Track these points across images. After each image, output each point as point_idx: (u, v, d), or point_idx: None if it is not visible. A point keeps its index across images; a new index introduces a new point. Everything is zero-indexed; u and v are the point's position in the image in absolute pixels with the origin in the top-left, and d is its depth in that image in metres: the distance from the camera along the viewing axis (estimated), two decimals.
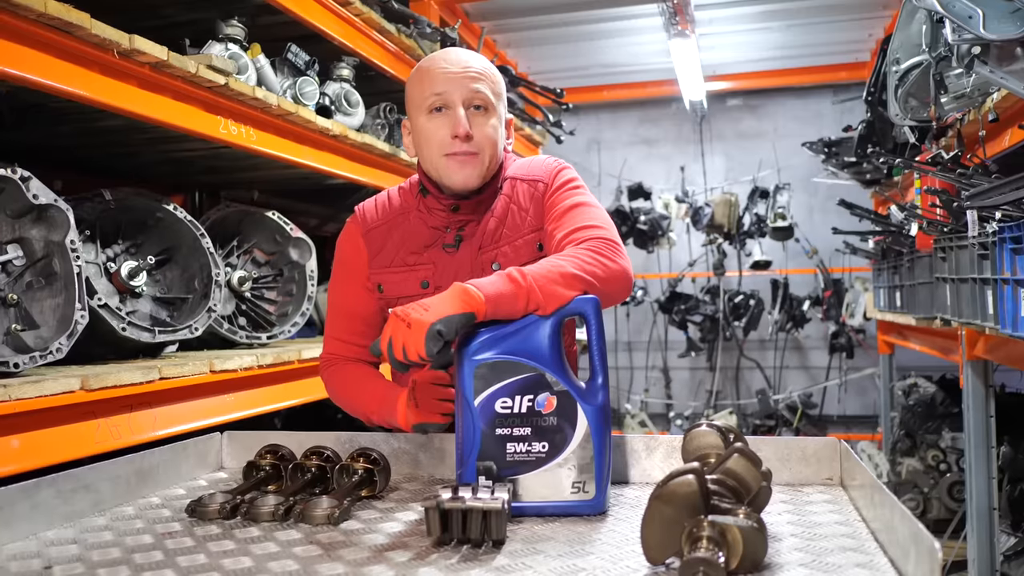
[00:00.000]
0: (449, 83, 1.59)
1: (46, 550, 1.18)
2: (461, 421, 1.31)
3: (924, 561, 0.88)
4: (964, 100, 2.55)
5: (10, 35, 1.68)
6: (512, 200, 1.66)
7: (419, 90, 1.63)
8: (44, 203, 1.88)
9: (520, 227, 1.64)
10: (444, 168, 1.60)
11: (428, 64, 1.65)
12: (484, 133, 1.60)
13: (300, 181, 3.62)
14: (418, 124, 1.63)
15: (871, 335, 6.61)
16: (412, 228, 1.69)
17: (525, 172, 1.69)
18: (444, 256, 1.65)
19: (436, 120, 1.60)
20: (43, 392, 1.71)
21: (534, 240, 1.63)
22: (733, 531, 0.99)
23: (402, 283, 1.67)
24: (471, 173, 1.59)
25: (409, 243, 1.68)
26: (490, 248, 1.63)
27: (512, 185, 1.67)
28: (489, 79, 1.63)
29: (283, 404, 2.66)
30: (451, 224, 1.66)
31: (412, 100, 1.65)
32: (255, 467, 1.50)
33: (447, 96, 1.59)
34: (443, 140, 1.59)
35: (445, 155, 1.59)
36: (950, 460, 4.60)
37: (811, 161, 5.87)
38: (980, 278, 2.58)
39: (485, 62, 1.66)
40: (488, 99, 1.61)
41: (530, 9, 5.24)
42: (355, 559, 1.11)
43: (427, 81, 1.62)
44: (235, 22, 2.48)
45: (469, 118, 1.58)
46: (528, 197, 1.65)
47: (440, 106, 1.60)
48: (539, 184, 1.66)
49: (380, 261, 1.70)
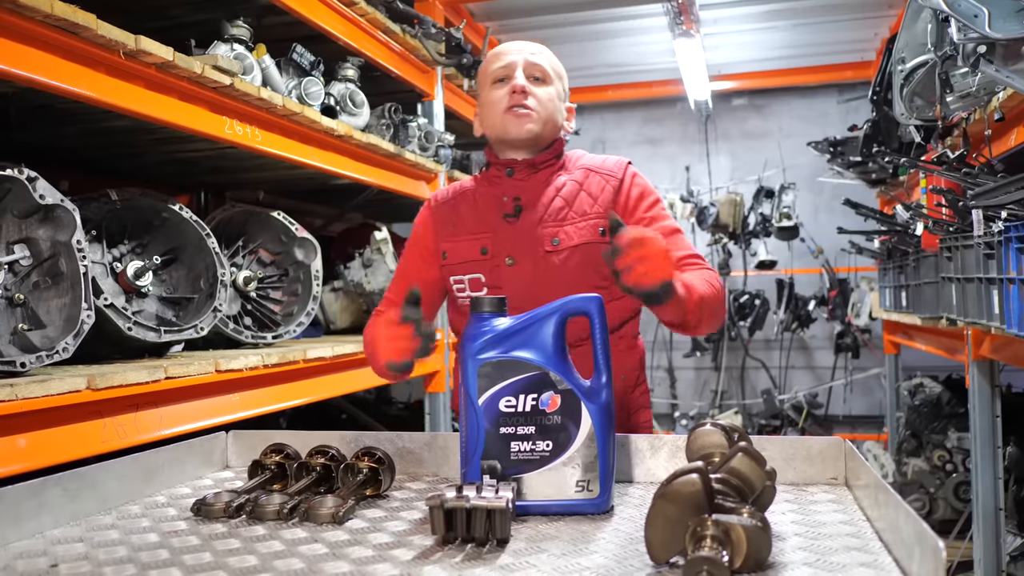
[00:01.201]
0: (511, 56, 1.81)
1: (52, 548, 1.18)
2: (465, 420, 1.31)
3: (928, 560, 0.87)
4: (970, 99, 2.53)
5: (16, 36, 1.68)
6: (583, 187, 1.81)
7: (486, 68, 1.84)
8: (51, 203, 1.89)
9: (587, 212, 1.78)
10: (503, 122, 1.78)
11: (496, 49, 1.87)
12: (541, 94, 1.78)
13: (305, 181, 3.63)
14: (483, 96, 1.84)
15: (877, 335, 6.60)
16: (476, 200, 1.86)
17: (599, 166, 1.85)
18: (504, 225, 1.79)
19: (500, 87, 1.80)
20: (49, 391, 1.72)
21: (597, 225, 1.76)
22: (737, 530, 0.99)
23: (464, 250, 1.81)
24: (527, 124, 1.76)
25: (473, 213, 1.84)
26: (552, 224, 1.77)
27: (585, 175, 1.83)
28: (548, 58, 1.83)
29: (288, 404, 2.67)
30: (507, 192, 1.80)
31: (481, 80, 1.86)
32: (260, 466, 1.50)
33: (509, 67, 1.79)
34: (502, 98, 1.78)
35: (504, 110, 1.77)
36: (956, 460, 4.58)
37: (816, 161, 5.86)
38: (986, 278, 2.57)
39: (546, 48, 1.87)
40: (546, 71, 1.80)
41: (535, 9, 5.24)
42: (360, 558, 1.11)
43: (493, 60, 1.83)
44: (240, 23, 2.48)
45: (528, 84, 1.77)
46: (599, 188, 1.80)
47: (503, 77, 1.80)
48: (612, 179, 1.82)
49: (446, 232, 1.87)
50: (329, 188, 3.79)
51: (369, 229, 3.91)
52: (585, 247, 1.74)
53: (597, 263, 1.72)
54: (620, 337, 1.81)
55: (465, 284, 1.80)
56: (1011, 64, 2.10)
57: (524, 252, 1.75)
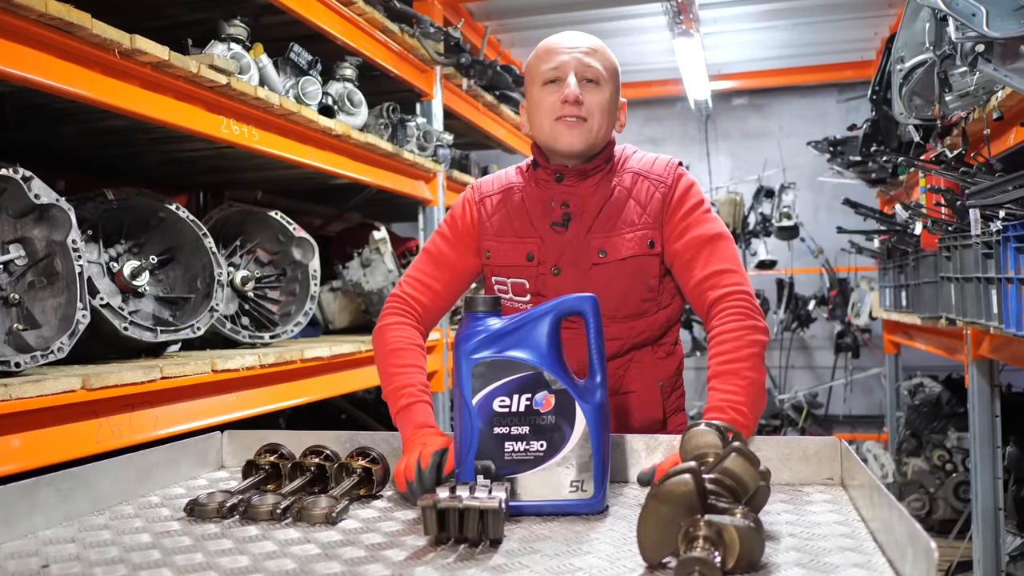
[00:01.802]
0: (563, 56, 1.69)
1: (44, 549, 1.18)
2: (459, 420, 1.31)
3: (921, 561, 0.87)
4: (968, 98, 2.53)
5: (11, 35, 1.68)
6: (632, 195, 1.72)
7: (536, 65, 1.72)
8: (46, 203, 1.88)
9: (635, 223, 1.70)
10: (552, 131, 1.69)
11: (547, 43, 1.75)
12: (594, 101, 1.68)
13: (303, 181, 3.63)
14: (533, 95, 1.72)
15: (877, 335, 6.59)
16: (523, 201, 1.77)
17: (649, 170, 1.75)
18: (552, 233, 1.71)
19: (549, 90, 1.69)
20: (44, 391, 1.71)
21: (646, 237, 1.69)
22: (729, 531, 0.98)
23: (510, 252, 1.74)
24: (578, 137, 1.67)
25: (520, 215, 1.76)
26: (600, 235, 1.70)
27: (634, 180, 1.73)
28: (602, 56, 1.71)
29: (285, 404, 2.67)
30: (556, 197, 1.72)
31: (530, 75, 1.74)
32: (254, 466, 1.50)
33: (561, 69, 1.68)
34: (554, 105, 1.68)
35: (555, 119, 1.68)
36: (956, 460, 4.58)
37: (816, 160, 5.86)
38: (985, 277, 2.56)
39: (599, 42, 1.74)
40: (600, 73, 1.69)
41: (534, 8, 5.24)
42: (352, 558, 1.11)
43: (544, 56, 1.71)
44: (238, 22, 2.48)
45: (581, 89, 1.67)
46: (648, 196, 1.71)
47: (554, 78, 1.69)
48: (661, 185, 1.72)
49: (490, 228, 1.78)
50: (327, 188, 3.79)
51: (368, 229, 3.91)
52: (632, 260, 1.68)
53: (644, 275, 1.69)
54: (661, 345, 1.76)
55: (507, 287, 1.75)
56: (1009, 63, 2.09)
57: (570, 262, 1.69)
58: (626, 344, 1.71)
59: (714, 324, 1.58)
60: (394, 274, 3.55)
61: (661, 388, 1.75)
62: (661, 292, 1.72)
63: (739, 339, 1.52)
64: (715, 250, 1.65)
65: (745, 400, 1.46)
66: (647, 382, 1.74)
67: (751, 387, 1.48)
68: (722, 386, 1.49)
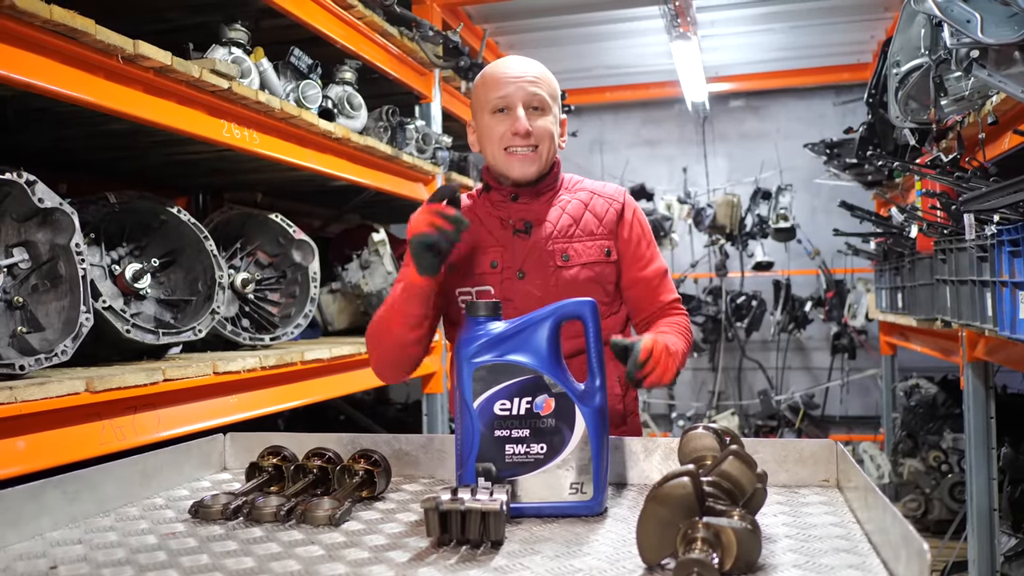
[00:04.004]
0: (511, 87, 1.78)
1: (52, 550, 1.20)
2: (461, 423, 1.33)
3: (914, 563, 0.89)
4: (964, 103, 2.55)
5: (15, 41, 1.70)
6: (588, 208, 1.86)
7: (484, 93, 1.81)
8: (49, 206, 1.90)
9: (593, 232, 1.85)
10: (505, 162, 1.80)
11: (492, 71, 1.84)
12: (542, 127, 1.78)
13: (303, 183, 3.64)
14: (482, 122, 1.82)
15: (873, 336, 6.61)
16: (480, 219, 1.86)
17: (601, 190, 1.91)
18: (515, 240, 1.81)
19: (499, 119, 1.79)
20: (48, 394, 1.73)
21: (603, 246, 1.84)
22: (727, 532, 1.00)
23: (473, 262, 1.82)
24: (530, 166, 1.78)
25: (478, 229, 1.85)
26: (562, 240, 1.82)
27: (590, 196, 1.89)
28: (546, 84, 1.81)
29: (286, 405, 2.68)
30: (513, 215, 1.83)
31: (478, 101, 1.84)
32: (258, 468, 1.51)
33: (509, 98, 1.77)
34: (504, 135, 1.78)
35: (506, 149, 1.78)
36: (952, 461, 4.60)
37: (813, 162, 5.88)
38: (979, 280, 2.59)
39: (542, 69, 1.84)
40: (545, 101, 1.79)
41: (532, 11, 5.25)
42: (355, 559, 1.13)
43: (491, 85, 1.80)
44: (238, 26, 2.50)
45: (528, 117, 1.77)
46: (603, 210, 1.87)
47: (503, 107, 1.78)
48: (615, 203, 1.88)
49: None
50: (327, 190, 3.80)
51: (367, 231, 3.92)
52: (593, 265, 1.82)
53: (603, 280, 1.83)
54: None
55: (472, 296, 1.81)
56: (1003, 69, 2.11)
57: (535, 266, 1.79)
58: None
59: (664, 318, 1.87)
60: (393, 276, 3.57)
61: (619, 382, 1.86)
62: (614, 298, 1.87)
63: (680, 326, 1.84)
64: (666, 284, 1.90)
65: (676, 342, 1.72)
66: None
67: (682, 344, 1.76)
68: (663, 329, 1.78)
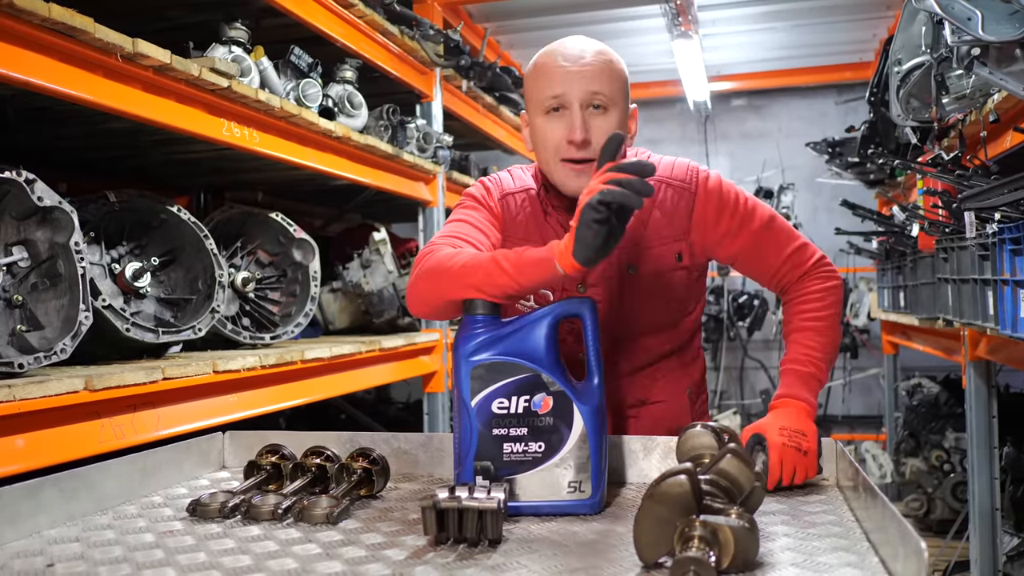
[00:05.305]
0: (566, 82, 1.52)
1: (49, 548, 1.20)
2: (459, 422, 1.33)
3: (912, 561, 0.89)
4: (965, 101, 2.54)
5: (14, 39, 1.69)
6: (656, 205, 1.61)
7: (536, 89, 1.56)
8: (49, 205, 1.90)
9: (662, 234, 1.61)
10: (559, 173, 1.56)
11: (545, 60, 1.57)
12: (603, 131, 1.50)
13: (304, 182, 3.64)
14: (536, 124, 1.58)
15: (875, 335, 6.60)
16: (544, 213, 1.65)
17: (669, 176, 1.64)
18: None
19: (553, 121, 1.54)
20: (47, 392, 1.73)
21: (674, 250, 1.61)
22: (724, 531, 1.00)
23: None
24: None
25: (543, 226, 1.64)
26: (627, 249, 1.60)
27: (658, 185, 1.61)
28: (609, 73, 1.53)
29: (286, 404, 2.68)
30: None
31: (530, 98, 1.59)
32: (256, 467, 1.51)
33: (564, 97, 1.52)
34: (559, 143, 1.53)
35: (561, 160, 1.54)
36: (954, 460, 4.59)
37: (815, 161, 5.87)
38: (981, 279, 2.58)
39: (605, 55, 1.56)
40: (607, 98, 1.52)
41: (533, 10, 5.25)
42: (352, 558, 1.13)
43: (544, 80, 1.54)
44: (239, 25, 2.49)
45: (587, 119, 1.51)
46: (673, 205, 1.62)
47: (558, 106, 1.53)
48: (686, 192, 1.62)
49: (514, 230, 1.65)
50: (328, 189, 3.80)
51: (368, 230, 3.92)
52: (661, 276, 1.62)
53: (673, 287, 1.64)
54: (687, 351, 1.74)
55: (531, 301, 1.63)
56: (1004, 66, 2.10)
57: (598, 279, 1.61)
58: (654, 355, 1.70)
59: (800, 286, 1.64)
60: (394, 275, 3.57)
61: (688, 395, 1.73)
62: (687, 301, 1.69)
63: (822, 299, 1.61)
64: (776, 234, 1.63)
65: (822, 356, 1.56)
66: (675, 390, 1.73)
67: (829, 345, 1.59)
68: (803, 340, 1.58)
